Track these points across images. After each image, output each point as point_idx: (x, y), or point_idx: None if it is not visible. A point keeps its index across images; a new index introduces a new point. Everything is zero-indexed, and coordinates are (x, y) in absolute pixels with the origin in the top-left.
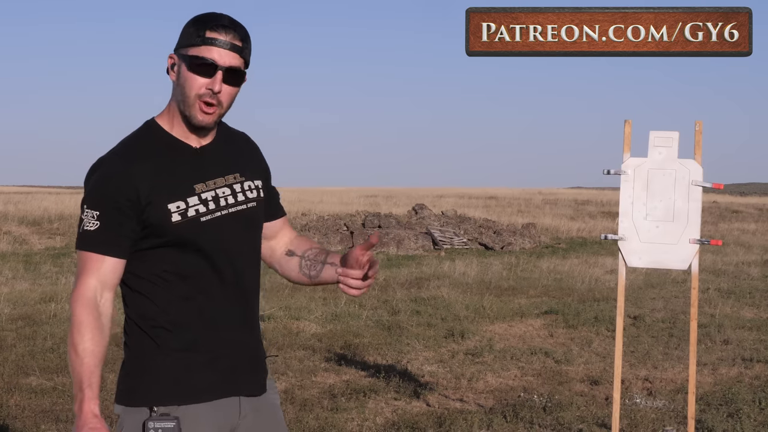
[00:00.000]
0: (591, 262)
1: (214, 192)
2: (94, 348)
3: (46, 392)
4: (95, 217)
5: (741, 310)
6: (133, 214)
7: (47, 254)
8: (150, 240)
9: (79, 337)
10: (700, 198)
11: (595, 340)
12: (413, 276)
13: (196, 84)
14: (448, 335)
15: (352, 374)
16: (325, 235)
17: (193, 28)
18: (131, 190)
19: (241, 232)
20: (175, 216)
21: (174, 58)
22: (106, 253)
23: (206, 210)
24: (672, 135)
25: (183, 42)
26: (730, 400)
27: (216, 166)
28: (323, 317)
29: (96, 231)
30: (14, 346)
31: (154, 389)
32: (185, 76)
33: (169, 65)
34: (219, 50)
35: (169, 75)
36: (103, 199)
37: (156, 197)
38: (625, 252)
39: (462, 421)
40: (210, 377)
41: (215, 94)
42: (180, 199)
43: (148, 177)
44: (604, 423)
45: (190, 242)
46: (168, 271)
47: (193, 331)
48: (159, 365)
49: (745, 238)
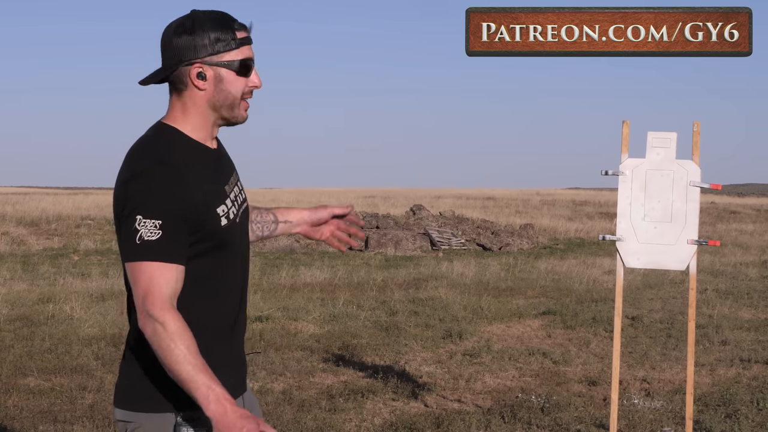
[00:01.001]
0: (589, 263)
1: (233, 193)
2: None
3: (44, 393)
4: (157, 227)
5: (739, 310)
6: (191, 223)
7: (45, 255)
8: (199, 245)
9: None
10: (698, 199)
11: (593, 341)
12: (411, 277)
13: (241, 84)
14: (446, 336)
15: (350, 375)
16: None
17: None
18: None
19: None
20: (223, 220)
21: (202, 67)
22: (173, 262)
23: (236, 212)
24: (670, 136)
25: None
26: (728, 401)
27: (226, 166)
28: (321, 318)
29: (159, 240)
30: (12, 347)
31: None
32: (232, 81)
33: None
34: (251, 47)
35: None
36: (165, 208)
37: (208, 203)
38: (623, 253)
39: (460, 421)
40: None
41: None
42: (222, 203)
43: (198, 182)
44: (602, 424)
45: (229, 244)
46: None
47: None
48: None
49: (743, 238)
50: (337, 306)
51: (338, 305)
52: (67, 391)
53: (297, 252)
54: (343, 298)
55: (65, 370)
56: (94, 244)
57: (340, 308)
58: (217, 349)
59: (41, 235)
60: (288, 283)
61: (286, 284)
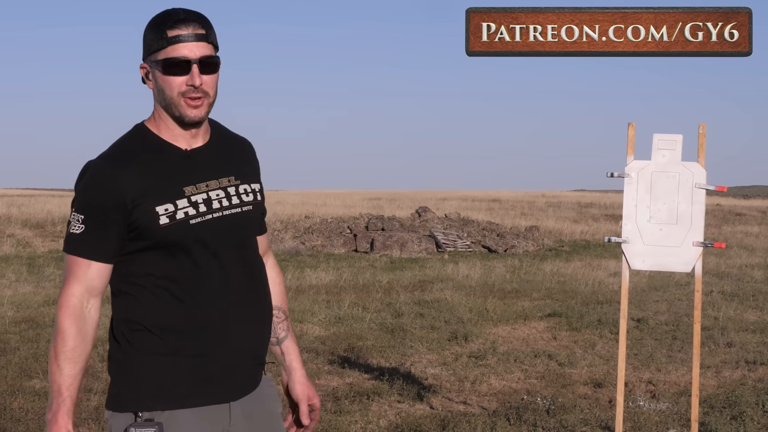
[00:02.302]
0: (594, 265)
1: (206, 194)
2: (75, 358)
3: (49, 395)
4: (80, 221)
5: (744, 312)
6: (120, 217)
7: (51, 257)
8: (138, 242)
9: (62, 346)
10: (704, 201)
11: (598, 343)
12: (417, 279)
13: (175, 84)
14: (451, 338)
15: (356, 377)
16: (329, 238)
17: (154, 31)
18: (117, 194)
19: (235, 234)
20: (163, 218)
21: (146, 67)
22: (91, 258)
23: (196, 212)
24: (676, 138)
25: (149, 48)
26: (734, 403)
27: (208, 168)
28: (327, 320)
29: (81, 234)
30: (18, 349)
31: (139, 395)
32: (162, 80)
33: (143, 75)
34: (186, 45)
35: (146, 84)
36: (90, 202)
37: (144, 200)
38: (628, 255)
39: (465, 423)
40: (196, 383)
41: (197, 88)
42: (168, 202)
43: (135, 180)
44: (607, 426)
45: (178, 244)
46: (156, 274)
47: (180, 335)
48: (144, 370)
49: (748, 240)
50: (343, 308)
51: (344, 307)
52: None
53: (302, 254)
54: (349, 300)
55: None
56: None
57: (345, 310)
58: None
59: (47, 237)
60: (293, 285)
61: (291, 286)
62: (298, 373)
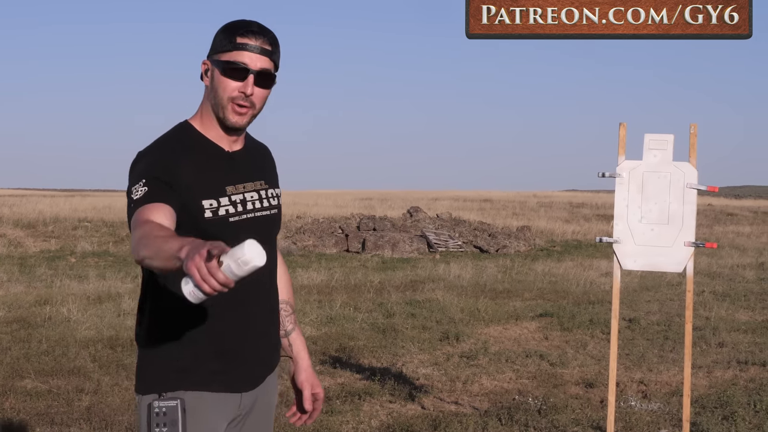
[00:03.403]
0: (586, 265)
1: (242, 195)
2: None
3: (41, 395)
4: (143, 184)
5: (736, 312)
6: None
7: (42, 257)
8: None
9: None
10: (695, 201)
11: (590, 343)
12: (408, 279)
13: (229, 87)
14: (443, 338)
15: (347, 377)
16: (320, 238)
17: (224, 34)
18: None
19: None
20: (207, 212)
21: (207, 64)
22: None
23: (235, 211)
24: (667, 138)
25: (215, 48)
26: (725, 403)
27: (245, 171)
28: (318, 320)
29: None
30: (9, 349)
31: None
32: (218, 80)
33: (202, 71)
34: (250, 54)
35: (202, 80)
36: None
37: (192, 192)
38: (620, 255)
39: (457, 423)
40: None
41: (248, 97)
42: (213, 198)
43: (188, 170)
44: (599, 426)
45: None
46: None
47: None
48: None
49: (739, 241)
50: (334, 308)
51: (335, 307)
52: (64, 393)
53: (294, 254)
54: (340, 300)
55: (62, 372)
56: (91, 246)
57: (337, 310)
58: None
59: (38, 237)
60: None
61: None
62: (304, 362)
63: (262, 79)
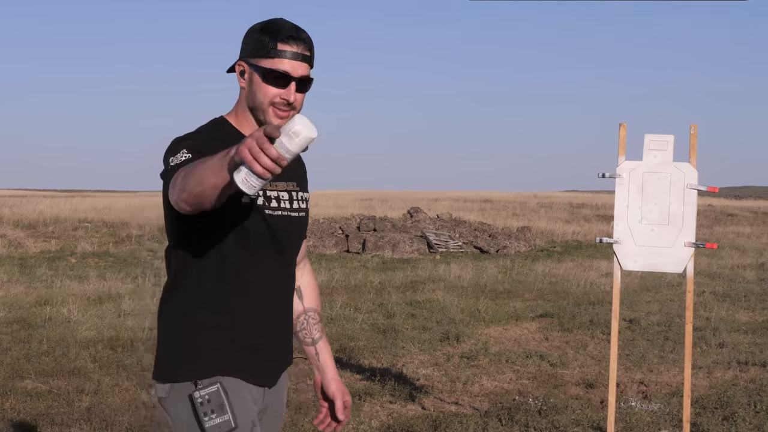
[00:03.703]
0: (586, 266)
1: (276, 193)
2: None
3: (41, 396)
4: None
5: (736, 313)
6: None
7: (42, 257)
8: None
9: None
10: (695, 201)
11: (590, 344)
12: (408, 279)
13: (270, 92)
14: (443, 338)
15: (348, 377)
16: (321, 239)
17: (264, 38)
18: None
19: (292, 234)
20: (245, 198)
21: (243, 66)
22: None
23: (269, 206)
24: (667, 138)
25: (254, 52)
26: (726, 404)
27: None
28: None
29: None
30: (9, 350)
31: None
32: (259, 86)
33: (237, 72)
34: (291, 62)
35: (238, 81)
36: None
37: None
38: (620, 255)
39: (457, 424)
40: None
41: (290, 104)
42: None
43: None
44: (599, 426)
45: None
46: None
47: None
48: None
49: (740, 241)
50: (335, 308)
51: (335, 308)
52: (65, 393)
53: None
54: (341, 301)
55: (63, 372)
56: (91, 247)
57: (337, 311)
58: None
59: (38, 237)
60: None
61: None
62: (332, 371)
63: (303, 85)
